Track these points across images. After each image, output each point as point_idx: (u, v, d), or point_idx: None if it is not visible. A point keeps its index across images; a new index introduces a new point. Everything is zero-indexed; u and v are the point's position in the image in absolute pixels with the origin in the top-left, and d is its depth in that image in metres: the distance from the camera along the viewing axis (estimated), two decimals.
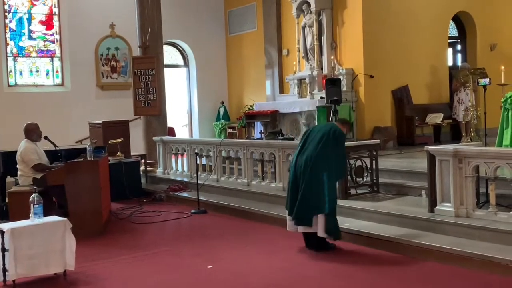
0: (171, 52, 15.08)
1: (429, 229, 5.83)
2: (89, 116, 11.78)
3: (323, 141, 5.82)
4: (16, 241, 5.01)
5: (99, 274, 5.46)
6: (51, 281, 5.24)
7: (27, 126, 7.62)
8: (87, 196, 7.06)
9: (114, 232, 7.36)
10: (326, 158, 5.77)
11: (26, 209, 5.49)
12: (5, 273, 5.05)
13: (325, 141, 5.82)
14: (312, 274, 5.23)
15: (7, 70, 12.62)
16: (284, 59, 13.22)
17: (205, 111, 15.13)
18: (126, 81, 13.50)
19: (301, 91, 11.95)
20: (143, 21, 11.05)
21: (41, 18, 13.14)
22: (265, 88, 13.53)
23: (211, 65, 15.09)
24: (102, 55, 13.48)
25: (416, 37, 11.53)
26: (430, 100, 11.88)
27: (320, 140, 5.85)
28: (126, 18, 12.60)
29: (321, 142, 5.82)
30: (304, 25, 11.81)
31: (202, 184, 8.92)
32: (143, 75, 11.10)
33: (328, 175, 5.74)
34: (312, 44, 11.61)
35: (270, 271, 5.35)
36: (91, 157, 7.40)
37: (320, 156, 5.76)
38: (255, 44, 14.08)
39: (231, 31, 15.12)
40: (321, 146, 5.80)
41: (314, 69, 11.55)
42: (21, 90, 12.69)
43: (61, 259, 5.24)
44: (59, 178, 7.01)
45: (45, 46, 13.18)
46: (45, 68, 13.16)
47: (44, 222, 5.26)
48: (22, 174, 7.47)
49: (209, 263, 5.62)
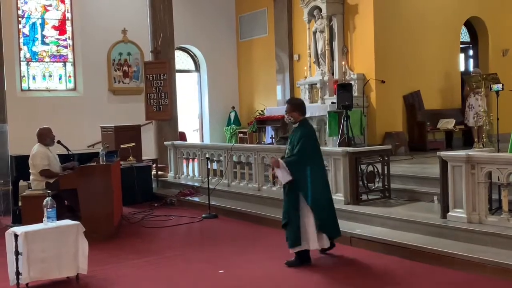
0: (183, 57, 15.16)
1: (442, 235, 5.81)
2: (101, 120, 11.86)
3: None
4: (30, 244, 5.04)
5: (111, 278, 5.49)
6: (64, 285, 5.28)
7: (40, 130, 7.68)
8: (99, 200, 7.10)
9: (125, 236, 7.40)
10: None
11: (38, 213, 5.54)
12: (18, 276, 5.08)
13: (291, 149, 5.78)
14: (324, 280, 5.22)
15: (21, 75, 12.74)
16: (295, 64, 13.23)
17: (216, 116, 15.16)
18: (138, 86, 13.58)
19: (312, 96, 11.95)
20: (155, 27, 11.13)
21: (54, 24, 13.26)
22: (276, 93, 13.54)
23: (222, 70, 15.14)
24: (114, 60, 13.58)
25: (427, 42, 11.50)
26: (442, 105, 11.83)
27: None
28: (139, 24, 12.70)
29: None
30: (315, 30, 11.83)
31: (213, 189, 8.94)
32: (155, 80, 11.17)
33: (289, 186, 5.68)
34: (323, 49, 11.63)
35: (282, 276, 5.35)
36: (104, 162, 7.44)
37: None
38: (266, 49, 14.11)
39: (242, 36, 15.16)
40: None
41: (325, 74, 11.55)
42: (34, 95, 12.80)
43: (74, 263, 5.27)
44: (72, 182, 7.06)
45: (58, 51, 13.30)
46: (58, 73, 13.28)
47: (57, 225, 5.29)
48: (34, 179, 7.51)
49: (220, 268, 5.63)
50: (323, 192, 5.72)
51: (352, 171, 7.17)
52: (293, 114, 5.74)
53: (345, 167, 7.17)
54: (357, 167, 7.21)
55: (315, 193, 5.57)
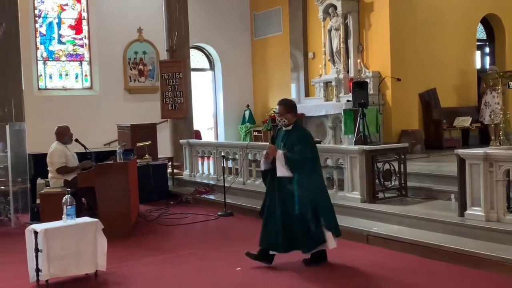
0: (197, 56, 15.20)
1: (459, 234, 5.78)
2: (117, 119, 11.93)
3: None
4: (49, 241, 5.10)
5: (129, 275, 5.54)
6: (83, 282, 5.33)
7: (58, 128, 7.76)
8: (117, 198, 7.15)
9: (142, 233, 7.45)
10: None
11: (56, 211, 5.61)
12: (38, 273, 5.15)
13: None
14: (340, 276, 5.22)
15: (37, 74, 12.86)
16: (309, 62, 13.20)
17: (231, 114, 15.18)
18: (153, 85, 13.65)
19: (327, 94, 11.92)
20: (170, 26, 11.18)
21: (71, 23, 13.36)
22: (291, 91, 13.53)
23: (236, 68, 15.15)
24: (130, 59, 13.65)
25: (443, 39, 11.42)
26: (458, 103, 11.74)
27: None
28: (154, 23, 12.75)
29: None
30: (331, 28, 11.80)
31: (228, 187, 8.96)
32: (170, 79, 11.23)
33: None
34: (338, 47, 11.60)
35: (298, 274, 5.35)
36: (121, 160, 7.50)
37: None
38: (281, 47, 14.10)
39: (257, 35, 15.16)
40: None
41: (340, 72, 11.52)
42: (51, 94, 12.91)
43: (93, 260, 5.32)
44: (90, 180, 7.12)
45: (74, 50, 13.40)
46: (74, 72, 13.38)
47: (76, 223, 5.35)
48: (52, 176, 7.60)
49: (236, 265, 5.64)
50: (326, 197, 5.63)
51: (368, 169, 7.15)
52: (288, 116, 5.53)
53: (361, 165, 7.16)
54: (373, 165, 7.19)
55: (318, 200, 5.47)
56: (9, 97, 9.51)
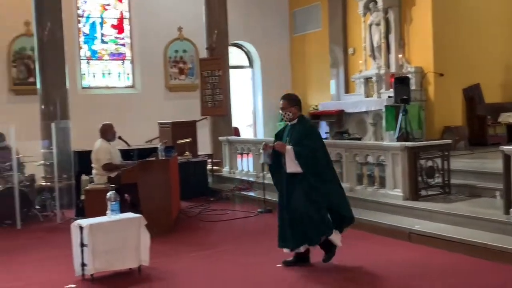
0: (236, 53, 15.25)
1: (505, 232, 5.62)
2: (158, 116, 12.10)
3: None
4: (94, 236, 5.22)
5: (171, 270, 5.61)
6: (127, 276, 5.43)
7: (103, 126, 7.92)
8: (158, 194, 7.25)
9: (183, 229, 7.54)
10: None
11: (101, 206, 5.73)
12: (83, 267, 5.28)
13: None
14: (386, 274, 5.17)
15: (81, 73, 13.16)
16: (349, 58, 13.08)
17: (269, 111, 15.18)
18: (193, 83, 13.78)
19: (367, 90, 11.80)
20: (210, 24, 11.25)
21: (113, 22, 13.61)
22: (330, 88, 13.44)
23: (275, 65, 15.13)
24: (170, 57, 13.81)
25: (487, 34, 11.12)
26: (503, 98, 11.43)
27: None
28: (194, 21, 12.84)
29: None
30: (371, 23, 11.66)
31: (267, 184, 8.95)
32: (210, 77, 11.30)
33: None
34: (379, 42, 11.45)
35: (339, 275, 5.32)
36: (162, 157, 7.61)
37: None
38: (320, 43, 14.01)
39: (296, 31, 15.11)
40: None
41: (381, 68, 11.37)
42: (94, 92, 13.20)
43: (136, 255, 5.41)
44: (133, 176, 7.24)
45: (116, 49, 13.65)
46: (116, 70, 13.63)
47: (120, 218, 5.45)
48: (97, 173, 7.75)
49: (276, 262, 5.63)
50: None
51: (411, 166, 7.04)
52: (292, 109, 5.48)
53: (403, 162, 7.05)
54: (416, 162, 7.07)
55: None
56: (54, 96, 9.79)
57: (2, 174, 8.32)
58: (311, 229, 5.28)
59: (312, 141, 5.37)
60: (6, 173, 8.28)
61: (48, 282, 5.44)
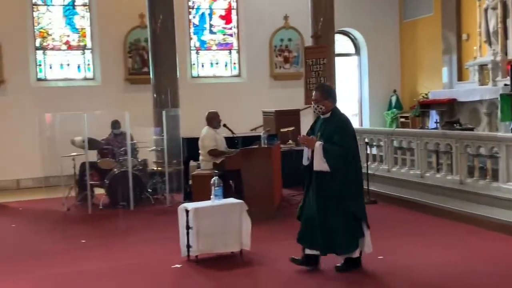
0: (342, 41, 15.02)
1: None
2: (262, 105, 12.26)
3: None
4: (199, 220, 5.44)
5: (272, 256, 5.71)
6: (229, 259, 5.60)
7: (209, 114, 8.19)
8: (261, 181, 7.37)
9: (285, 216, 7.61)
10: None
11: (207, 191, 5.93)
12: (189, 248, 5.52)
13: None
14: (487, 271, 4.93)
15: (191, 63, 13.65)
16: (463, 44, 12.40)
17: (376, 100, 14.82)
18: (298, 71, 13.78)
19: (482, 78, 11.14)
20: (315, 11, 11.16)
21: (221, 13, 13.95)
22: (441, 76, 12.84)
23: (383, 52, 14.72)
24: (275, 46, 13.91)
25: None
26: None
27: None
28: (299, 9, 12.84)
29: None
30: (487, 7, 10.98)
31: (372, 174, 8.79)
32: (314, 65, 11.21)
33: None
34: (495, 27, 10.76)
35: (446, 265, 5.12)
36: (265, 144, 7.72)
37: None
38: (431, 29, 13.40)
39: (406, 17, 14.57)
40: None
41: (498, 54, 10.69)
42: (202, 81, 13.64)
43: (238, 239, 5.57)
44: (236, 163, 7.43)
45: (224, 39, 13.99)
46: (223, 60, 13.98)
47: (223, 203, 5.63)
48: (203, 159, 8.04)
49: (378, 254, 5.52)
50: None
51: None
52: (325, 103, 5.12)
53: None
54: None
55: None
56: (166, 85, 10.27)
57: (118, 159, 8.87)
58: (341, 242, 5.01)
59: (343, 140, 5.00)
60: (122, 158, 8.81)
61: (156, 262, 5.74)
